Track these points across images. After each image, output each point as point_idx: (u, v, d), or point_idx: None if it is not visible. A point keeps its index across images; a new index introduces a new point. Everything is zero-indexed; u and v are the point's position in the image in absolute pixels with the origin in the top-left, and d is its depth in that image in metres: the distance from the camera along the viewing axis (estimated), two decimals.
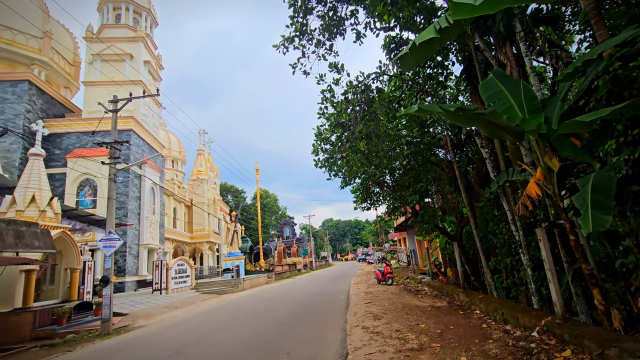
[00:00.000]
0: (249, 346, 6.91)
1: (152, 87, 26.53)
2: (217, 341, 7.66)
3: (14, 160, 19.77)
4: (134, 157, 22.32)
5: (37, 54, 23.65)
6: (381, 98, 8.65)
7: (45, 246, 9.95)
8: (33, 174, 11.93)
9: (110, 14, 25.85)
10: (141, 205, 23.31)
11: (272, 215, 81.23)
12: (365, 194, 14.02)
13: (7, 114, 20.45)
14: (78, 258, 13.13)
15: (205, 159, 41.28)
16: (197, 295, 20.40)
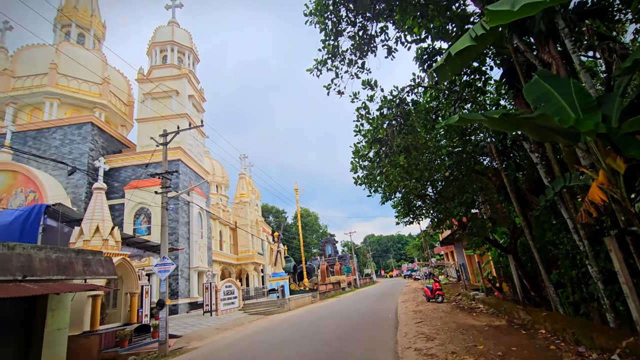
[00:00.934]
0: None
1: (196, 118, 28.36)
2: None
3: (81, 195, 21.90)
4: (183, 184, 23.75)
5: (98, 98, 26.47)
6: (417, 110, 8.53)
7: (108, 272, 10.76)
8: (97, 206, 13.09)
9: (157, 56, 28.39)
10: (190, 230, 24.53)
11: (314, 233, 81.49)
12: (407, 208, 13.64)
13: (74, 153, 22.87)
14: (136, 283, 13.99)
15: (247, 182, 42.82)
16: (245, 316, 20.74)
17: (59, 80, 25.30)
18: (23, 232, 12.04)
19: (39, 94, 24.89)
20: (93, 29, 30.91)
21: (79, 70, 25.09)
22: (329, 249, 64.33)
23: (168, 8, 31.08)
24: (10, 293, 6.97)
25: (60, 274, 8.93)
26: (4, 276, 7.52)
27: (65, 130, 23.49)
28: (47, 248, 8.87)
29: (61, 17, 29.53)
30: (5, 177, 20.99)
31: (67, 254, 9.37)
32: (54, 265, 8.73)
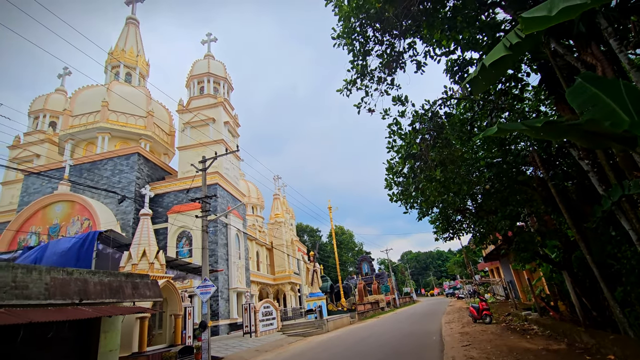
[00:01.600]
0: None
1: (232, 143, 29.60)
2: None
3: (129, 220, 23.35)
4: (221, 207, 24.60)
5: (143, 130, 28.56)
6: (451, 123, 8.34)
7: (154, 295, 11.22)
8: (143, 232, 13.87)
9: (195, 88, 30.30)
10: (229, 252, 25.14)
11: (349, 251, 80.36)
12: (446, 224, 13.11)
13: (123, 182, 24.60)
14: (180, 304, 14.46)
15: (281, 202, 43.50)
16: (284, 337, 20.59)
17: (109, 116, 27.68)
18: (79, 257, 12.96)
19: (93, 130, 27.32)
20: (138, 67, 33.78)
21: (127, 105, 27.38)
22: (365, 267, 62.96)
23: (204, 43, 33.33)
24: (70, 316, 7.47)
25: (112, 297, 9.45)
26: (63, 300, 8.08)
27: (115, 161, 25.44)
28: (100, 272, 9.46)
29: (111, 59, 32.62)
30: (64, 206, 22.94)
31: (118, 277, 9.93)
32: (106, 289, 9.27)
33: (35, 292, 7.45)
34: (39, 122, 31.56)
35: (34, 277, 7.53)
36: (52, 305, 7.81)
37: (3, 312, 6.45)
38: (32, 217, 23.14)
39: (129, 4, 36.35)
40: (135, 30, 35.75)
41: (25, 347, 7.52)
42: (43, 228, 22.68)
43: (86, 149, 27.91)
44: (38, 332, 7.60)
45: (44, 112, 31.80)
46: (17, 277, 7.19)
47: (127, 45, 33.91)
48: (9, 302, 6.91)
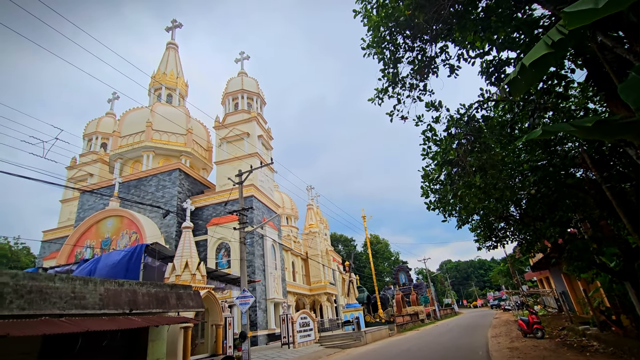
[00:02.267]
0: None
1: (266, 156, 30.38)
2: None
3: (172, 233, 24.54)
4: (256, 219, 25.17)
5: (183, 147, 30.18)
6: (490, 126, 7.99)
7: (197, 305, 11.63)
8: (185, 244, 14.49)
9: (230, 104, 31.63)
10: (265, 262, 25.56)
11: (385, 261, 78.65)
12: (488, 231, 12.45)
13: (166, 197, 26.00)
14: (220, 314, 14.84)
15: (315, 212, 43.69)
16: (321, 349, 20.40)
17: (153, 135, 29.56)
18: (128, 269, 13.78)
19: (139, 149, 29.28)
20: (178, 88, 35.92)
21: (168, 125, 29.13)
22: (402, 278, 61.19)
23: (237, 61, 34.84)
24: (121, 325, 7.92)
25: (159, 308, 9.92)
26: (115, 310, 8.60)
27: (158, 177, 27.00)
28: (147, 284, 9.98)
29: (154, 82, 34.99)
30: (115, 221, 24.61)
31: (163, 288, 10.42)
32: (153, 300, 9.75)
33: (91, 302, 8.00)
34: (92, 143, 34.39)
35: (90, 288, 8.10)
36: (105, 314, 8.34)
37: (64, 321, 6.98)
38: (87, 232, 25.03)
39: (168, 31, 38.97)
40: (175, 54, 38.17)
41: (83, 354, 8.05)
42: (96, 241, 24.43)
43: (133, 166, 29.91)
44: (94, 340, 8.11)
45: (96, 134, 34.63)
46: (76, 288, 7.77)
47: (167, 69, 36.25)
48: (69, 311, 7.47)
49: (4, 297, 6.42)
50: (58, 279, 7.52)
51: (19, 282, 6.77)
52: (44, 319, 6.86)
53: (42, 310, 6.98)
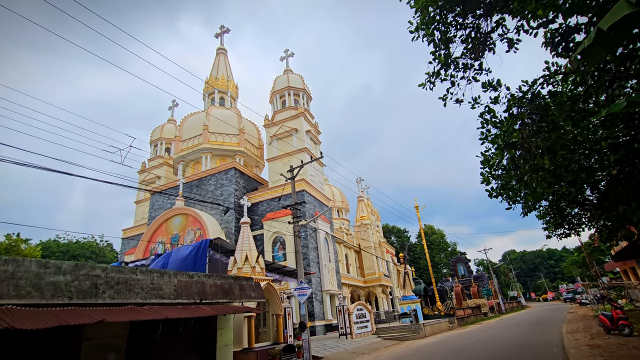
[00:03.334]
0: None
1: (314, 150, 30.78)
2: None
3: (231, 229, 26.07)
4: (308, 212, 25.70)
5: (237, 147, 31.77)
6: (558, 102, 7.23)
7: (258, 296, 12.25)
8: (244, 239, 15.30)
9: (278, 102, 32.49)
10: (319, 255, 26.06)
11: (441, 252, 75.69)
12: (560, 218, 11.33)
13: (224, 195, 27.64)
14: (280, 305, 15.49)
15: (365, 204, 43.37)
16: (379, 340, 20.36)
17: (209, 137, 31.52)
18: (196, 262, 14.94)
19: (198, 151, 31.42)
20: (229, 91, 37.76)
21: (223, 126, 30.85)
22: (461, 269, 58.45)
23: (282, 59, 35.57)
24: (194, 313, 8.64)
25: (224, 298, 10.63)
26: (187, 299, 9.40)
27: (216, 176, 28.77)
28: (214, 276, 10.74)
29: (207, 87, 37.17)
30: (181, 219, 26.80)
31: (228, 280, 11.13)
32: (219, 291, 10.48)
33: (167, 292, 8.83)
34: (158, 149, 37.63)
35: (165, 280, 8.94)
36: (180, 304, 9.16)
37: (146, 309, 7.81)
38: (158, 229, 27.58)
39: (217, 37, 41.02)
40: (225, 58, 40.10)
41: (163, 339, 8.95)
42: (167, 238, 26.84)
43: (194, 167, 32.22)
44: (171, 326, 8.97)
45: (160, 140, 37.81)
46: (154, 280, 8.63)
47: (219, 73, 38.24)
48: (149, 300, 8.33)
49: (98, 287, 7.35)
50: (139, 272, 8.41)
51: (109, 274, 7.69)
52: (130, 307, 7.73)
53: (128, 299, 7.87)
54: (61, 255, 44.59)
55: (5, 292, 6.01)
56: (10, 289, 6.12)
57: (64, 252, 45.26)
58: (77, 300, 6.94)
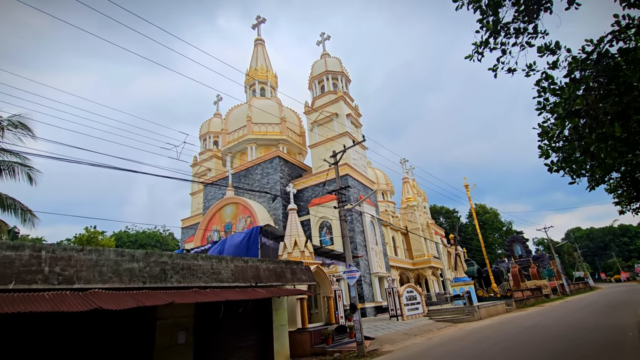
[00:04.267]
0: None
1: (355, 134, 30.46)
2: None
3: (279, 215, 26.99)
4: (353, 197, 25.72)
5: (279, 136, 32.44)
6: (631, 60, 6.39)
7: (309, 279, 12.69)
8: (292, 224, 15.79)
9: (317, 87, 32.42)
10: (365, 238, 26.11)
11: (495, 232, 71.93)
12: (634, 191, 10.18)
13: (270, 183, 28.56)
14: (330, 287, 15.91)
15: (411, 185, 42.32)
16: (431, 322, 20.15)
17: (253, 128, 32.49)
18: (249, 248, 15.78)
19: (243, 142, 32.61)
20: (269, 81, 38.37)
21: (265, 116, 31.61)
22: (518, 249, 55.18)
23: (319, 43, 35.20)
24: (250, 296, 9.21)
25: (277, 281, 11.17)
26: (244, 283, 10.02)
27: (262, 166, 29.75)
28: (267, 260, 11.28)
29: (248, 79, 38.10)
30: (232, 208, 28.28)
31: (280, 264, 11.64)
32: (272, 274, 11.01)
33: (226, 276, 9.48)
34: (207, 142, 39.67)
35: (223, 265, 9.59)
36: (237, 287, 9.80)
37: (209, 292, 8.47)
38: (213, 218, 29.37)
39: (254, 28, 41.52)
40: (262, 49, 40.63)
41: (225, 319, 9.68)
42: (220, 226, 28.55)
43: (240, 158, 33.57)
44: (231, 307, 9.66)
45: (208, 134, 39.77)
46: (213, 265, 9.30)
47: (258, 64, 38.93)
48: (210, 283, 9.02)
49: (166, 272, 8.10)
50: (200, 258, 9.10)
51: (174, 261, 8.43)
52: (195, 290, 8.44)
53: (192, 283, 8.59)
54: (131, 245, 49.44)
55: (92, 278, 6.87)
56: (96, 275, 6.98)
57: (133, 241, 50.11)
58: (149, 284, 7.73)
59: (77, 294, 6.47)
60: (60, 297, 6.17)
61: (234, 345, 10.44)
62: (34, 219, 14.93)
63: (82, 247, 7.09)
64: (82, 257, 6.94)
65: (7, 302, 5.47)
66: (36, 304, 5.61)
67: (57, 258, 6.60)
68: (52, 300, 5.91)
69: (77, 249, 7.01)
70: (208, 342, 9.70)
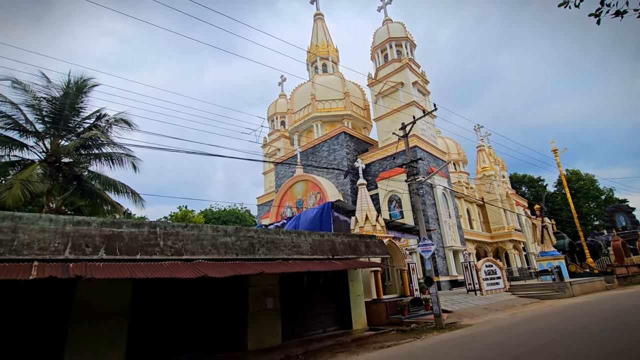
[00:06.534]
0: None
1: (423, 102, 28.90)
2: (562, 354, 6.79)
3: (347, 191, 27.44)
4: (422, 169, 24.83)
5: (343, 111, 32.36)
6: None
7: (382, 252, 12.91)
8: (362, 199, 16.00)
9: (379, 57, 31.20)
10: (438, 211, 25.25)
11: (591, 201, 63.26)
12: None
13: (337, 159, 28.96)
14: (403, 261, 15.97)
15: (487, 153, 39.12)
16: (514, 298, 19.07)
17: (317, 105, 32.86)
18: (322, 223, 16.51)
19: (308, 120, 33.30)
20: (330, 56, 38.00)
21: (328, 93, 31.71)
22: (620, 220, 47.97)
23: (380, 9, 33.43)
24: (328, 267, 9.79)
25: (352, 254, 11.60)
26: (321, 255, 10.64)
27: (328, 142, 30.19)
28: (341, 234, 11.76)
29: (310, 56, 38.22)
30: (302, 185, 29.52)
31: (353, 238, 12.04)
32: (347, 248, 11.47)
33: (305, 249, 10.18)
34: (274, 123, 41.39)
35: (302, 239, 10.28)
36: (315, 259, 10.46)
37: (291, 263, 9.22)
38: (285, 195, 31.07)
39: (312, 2, 40.96)
40: (322, 23, 40.07)
41: (307, 288, 10.49)
42: (292, 203, 30.11)
43: (307, 136, 34.45)
44: (312, 278, 10.40)
45: (275, 115, 41.38)
46: (293, 239, 10.03)
47: (318, 40, 38.67)
48: (292, 256, 9.79)
49: (254, 246, 9.01)
50: (281, 233, 9.89)
51: (260, 235, 9.31)
52: (279, 261, 9.27)
53: (276, 255, 9.43)
54: (215, 221, 54.94)
55: (196, 250, 7.99)
56: (198, 247, 8.09)
57: (217, 218, 55.57)
58: (241, 255, 8.70)
59: (186, 263, 7.62)
60: (174, 266, 7.34)
61: (315, 312, 11.32)
62: (141, 201, 17.56)
63: (185, 224, 8.24)
64: (187, 233, 8.08)
65: (137, 270, 6.72)
66: (158, 271, 6.78)
67: (168, 234, 7.80)
68: (169, 269, 7.07)
69: (182, 225, 8.18)
70: (293, 307, 10.67)
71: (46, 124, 15.64)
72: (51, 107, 15.32)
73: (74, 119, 16.16)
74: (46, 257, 6.20)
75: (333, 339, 10.66)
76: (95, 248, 6.72)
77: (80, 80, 15.90)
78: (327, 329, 11.65)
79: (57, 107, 15.24)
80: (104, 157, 16.67)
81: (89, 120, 16.73)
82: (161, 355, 8.16)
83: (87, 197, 16.70)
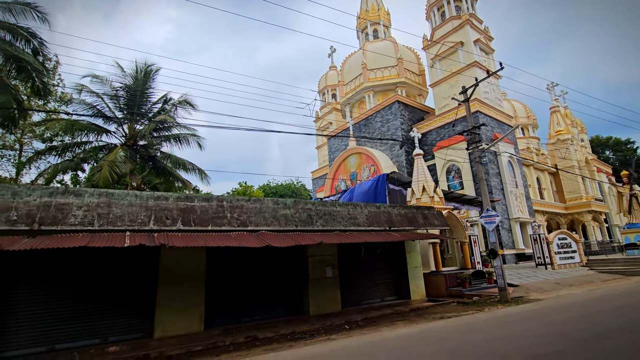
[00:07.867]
0: None
1: (486, 62, 26.34)
2: None
3: (402, 162, 26.67)
4: (485, 136, 23.03)
5: (397, 79, 30.89)
6: None
7: (441, 224, 12.53)
8: (419, 170, 15.48)
9: (436, 16, 28.77)
10: (502, 180, 23.51)
11: None
12: None
13: (391, 129, 28.07)
14: (464, 233, 15.36)
15: (562, 115, 34.88)
16: (592, 274, 17.44)
17: (369, 75, 31.74)
18: (377, 195, 16.40)
19: (360, 91, 32.43)
20: (382, 20, 36.01)
21: (380, 60, 30.37)
22: None
23: None
24: (386, 238, 9.81)
25: (409, 225, 11.45)
26: (378, 227, 10.67)
27: (381, 113, 29.27)
28: (398, 206, 11.61)
29: (360, 23, 36.63)
30: (355, 158, 29.32)
31: (411, 210, 11.82)
32: (404, 219, 11.32)
33: (361, 221, 10.28)
34: (326, 96, 41.06)
35: (358, 211, 10.38)
36: (373, 230, 10.53)
37: (349, 235, 9.41)
38: (338, 169, 31.21)
39: None
40: None
41: (366, 258, 10.68)
42: (346, 175, 30.18)
43: (359, 108, 33.72)
44: (369, 249, 10.54)
45: (326, 88, 40.94)
46: (349, 211, 10.17)
47: (368, 4, 36.73)
48: (349, 227, 9.97)
49: (312, 218, 9.33)
50: (337, 205, 10.07)
51: (317, 207, 9.59)
52: (337, 232, 9.51)
53: (334, 226, 9.67)
54: (273, 196, 57.54)
55: (259, 222, 8.52)
56: (261, 219, 8.61)
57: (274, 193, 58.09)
58: (300, 227, 9.09)
59: (251, 234, 8.19)
60: (241, 236, 7.94)
61: (373, 282, 11.55)
62: (207, 177, 18.99)
63: (248, 197, 8.78)
64: (250, 206, 8.62)
65: (209, 239, 7.40)
66: (227, 240, 7.40)
67: (234, 207, 8.40)
68: (237, 238, 7.67)
69: (246, 199, 8.73)
70: (351, 277, 11.00)
71: (122, 110, 17.40)
72: (125, 94, 16.95)
73: (145, 104, 17.73)
74: (135, 228, 7.10)
75: (391, 308, 10.85)
76: (174, 220, 7.51)
77: (145, 66, 17.26)
78: (385, 298, 11.87)
79: (130, 94, 16.81)
80: (173, 139, 18.18)
81: (158, 104, 18.22)
82: (233, 316, 9.06)
83: (161, 176, 18.52)
